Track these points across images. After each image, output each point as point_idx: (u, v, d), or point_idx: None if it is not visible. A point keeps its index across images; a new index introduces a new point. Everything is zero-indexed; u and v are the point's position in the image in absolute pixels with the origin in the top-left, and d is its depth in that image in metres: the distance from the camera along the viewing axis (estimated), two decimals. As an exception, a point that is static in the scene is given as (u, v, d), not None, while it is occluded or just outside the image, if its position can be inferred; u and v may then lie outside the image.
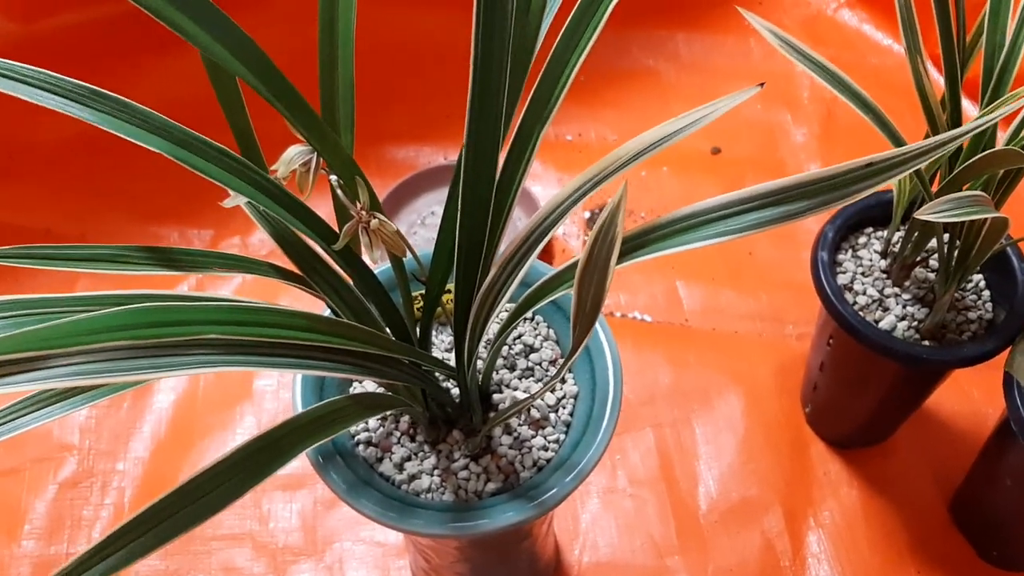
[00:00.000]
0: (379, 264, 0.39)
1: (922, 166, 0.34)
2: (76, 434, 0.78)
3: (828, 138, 1.00)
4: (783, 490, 0.74)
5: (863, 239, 0.66)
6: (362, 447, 0.48)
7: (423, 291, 0.45)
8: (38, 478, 0.75)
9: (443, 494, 0.46)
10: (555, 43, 0.39)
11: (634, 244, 0.38)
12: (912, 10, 0.54)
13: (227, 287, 0.86)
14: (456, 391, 0.49)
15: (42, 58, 0.41)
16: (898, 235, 0.64)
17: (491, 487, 0.46)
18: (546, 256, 0.89)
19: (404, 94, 1.02)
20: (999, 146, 0.52)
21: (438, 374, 0.47)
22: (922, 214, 0.44)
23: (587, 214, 0.93)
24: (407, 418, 0.49)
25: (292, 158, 0.37)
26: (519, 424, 0.49)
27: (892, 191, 0.63)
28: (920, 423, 0.77)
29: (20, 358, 0.28)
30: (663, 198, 0.94)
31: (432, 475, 0.47)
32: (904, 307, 0.62)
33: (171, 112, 0.36)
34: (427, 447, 0.48)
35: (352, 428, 0.48)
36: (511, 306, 0.43)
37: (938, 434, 0.77)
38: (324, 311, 0.45)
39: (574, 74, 0.38)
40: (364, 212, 0.37)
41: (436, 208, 0.91)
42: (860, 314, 0.61)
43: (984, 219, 0.52)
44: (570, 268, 0.39)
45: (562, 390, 0.50)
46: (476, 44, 0.35)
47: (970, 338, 0.61)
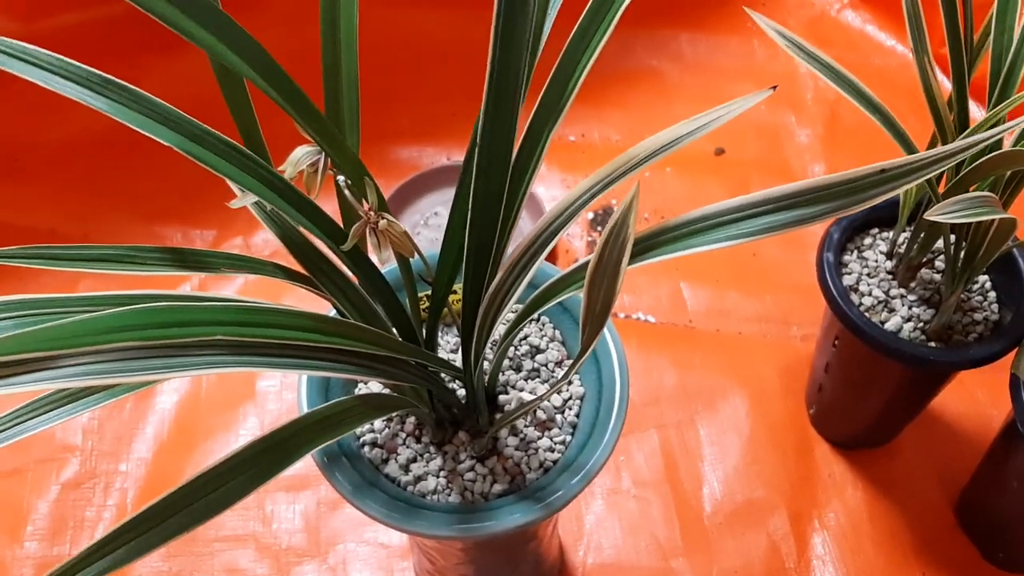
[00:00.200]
0: (386, 265, 0.39)
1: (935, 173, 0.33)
2: (79, 435, 0.77)
3: (832, 139, 1.00)
4: (788, 491, 0.74)
5: (869, 240, 0.66)
6: (367, 448, 0.48)
7: (428, 292, 0.45)
8: (41, 479, 0.75)
9: (449, 495, 0.46)
10: (566, 43, 0.39)
11: (645, 246, 0.38)
12: (919, 11, 0.53)
13: (230, 287, 0.86)
14: (462, 392, 0.49)
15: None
16: (904, 236, 0.64)
17: (497, 488, 0.46)
18: (549, 257, 0.88)
19: (406, 94, 1.01)
20: (1006, 147, 0.52)
21: (444, 375, 0.46)
22: (931, 215, 0.43)
23: (590, 215, 0.93)
24: (413, 419, 0.49)
25: (300, 159, 0.37)
26: (525, 425, 0.48)
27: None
28: (925, 425, 0.77)
29: (27, 358, 0.28)
30: (667, 199, 0.94)
31: (438, 476, 0.47)
32: (910, 308, 0.62)
33: (172, 112, 0.36)
34: (433, 448, 0.48)
35: (357, 429, 0.48)
36: (518, 307, 0.42)
37: (943, 436, 0.77)
38: (329, 312, 0.45)
39: (585, 74, 0.38)
40: (372, 213, 0.37)
41: (439, 209, 0.91)
42: (866, 315, 0.61)
43: (991, 220, 0.52)
44: (579, 270, 0.39)
45: (568, 391, 0.50)
46: (495, 45, 0.35)
47: (976, 339, 0.60)
